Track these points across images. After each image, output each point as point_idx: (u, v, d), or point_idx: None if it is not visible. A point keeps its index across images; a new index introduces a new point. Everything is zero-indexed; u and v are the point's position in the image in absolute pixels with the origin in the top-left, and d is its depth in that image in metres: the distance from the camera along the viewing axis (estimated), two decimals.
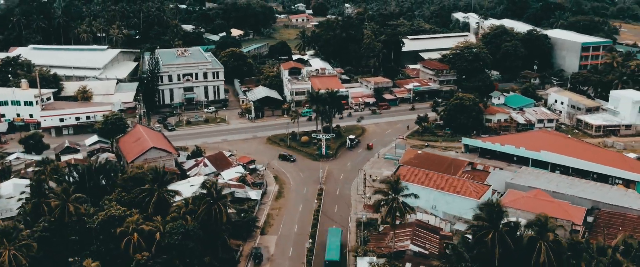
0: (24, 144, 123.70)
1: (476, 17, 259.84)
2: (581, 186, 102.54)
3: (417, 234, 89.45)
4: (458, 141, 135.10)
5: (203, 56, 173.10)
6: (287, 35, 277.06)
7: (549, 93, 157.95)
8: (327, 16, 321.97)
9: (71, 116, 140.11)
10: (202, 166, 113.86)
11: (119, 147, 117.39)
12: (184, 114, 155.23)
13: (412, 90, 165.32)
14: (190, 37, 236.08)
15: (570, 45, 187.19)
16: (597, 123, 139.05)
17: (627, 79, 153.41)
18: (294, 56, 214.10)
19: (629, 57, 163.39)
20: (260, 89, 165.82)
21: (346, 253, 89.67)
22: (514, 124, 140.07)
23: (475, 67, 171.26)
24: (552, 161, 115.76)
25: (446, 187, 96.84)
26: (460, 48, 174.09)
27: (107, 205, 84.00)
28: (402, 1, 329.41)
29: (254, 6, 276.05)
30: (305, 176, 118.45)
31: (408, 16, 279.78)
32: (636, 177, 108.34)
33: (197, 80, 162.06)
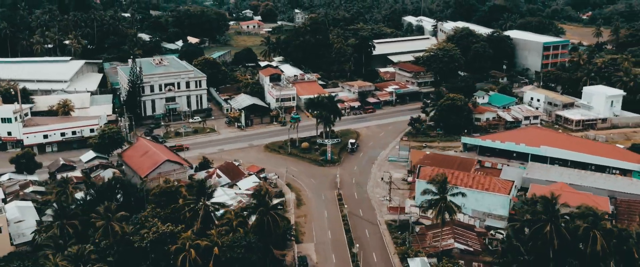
0: (15, 164, 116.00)
1: (430, 21, 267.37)
2: (592, 177, 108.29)
3: (457, 233, 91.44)
4: (453, 141, 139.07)
5: (182, 65, 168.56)
6: (243, 42, 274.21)
7: (525, 91, 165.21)
8: (277, 22, 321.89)
9: (56, 132, 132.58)
10: (215, 177, 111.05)
11: (125, 162, 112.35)
12: (170, 125, 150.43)
13: (394, 93, 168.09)
14: (148, 47, 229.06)
15: (532, 45, 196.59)
16: (577, 118, 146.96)
17: (595, 75, 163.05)
18: (261, 63, 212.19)
19: (593, 55, 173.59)
20: (243, 96, 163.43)
21: (389, 255, 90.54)
22: (502, 122, 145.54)
23: (450, 69, 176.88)
24: (551, 155, 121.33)
25: (474, 184, 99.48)
26: (434, 50, 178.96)
27: (150, 222, 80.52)
28: (349, 6, 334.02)
29: (208, 13, 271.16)
30: (317, 182, 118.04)
31: (360, 20, 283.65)
32: (632, 167, 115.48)
33: (179, 90, 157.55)
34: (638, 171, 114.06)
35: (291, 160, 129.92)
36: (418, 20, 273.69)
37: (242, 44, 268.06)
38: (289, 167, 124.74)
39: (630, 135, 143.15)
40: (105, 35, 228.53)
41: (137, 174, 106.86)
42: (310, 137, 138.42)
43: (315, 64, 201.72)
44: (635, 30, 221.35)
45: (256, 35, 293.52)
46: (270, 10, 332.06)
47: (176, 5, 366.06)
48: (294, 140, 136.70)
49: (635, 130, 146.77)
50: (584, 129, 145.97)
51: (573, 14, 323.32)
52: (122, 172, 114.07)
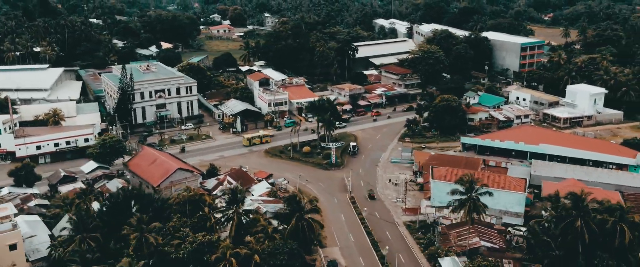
0: (14, 177, 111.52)
1: (403, 23, 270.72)
2: (596, 172, 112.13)
3: (480, 231, 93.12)
4: (450, 141, 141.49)
5: (170, 71, 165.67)
6: (216, 47, 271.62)
7: (510, 91, 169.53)
8: (247, 26, 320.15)
9: (49, 143, 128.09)
10: (226, 183, 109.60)
11: (133, 172, 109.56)
12: (162, 132, 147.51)
13: (384, 95, 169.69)
14: (122, 53, 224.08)
15: (510, 46, 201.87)
16: (564, 116, 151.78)
17: (576, 74, 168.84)
18: (242, 68, 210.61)
19: (572, 55, 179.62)
20: (234, 102, 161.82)
21: (415, 256, 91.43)
22: (495, 121, 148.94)
23: (435, 70, 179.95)
24: (550, 153, 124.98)
25: (489, 183, 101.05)
26: (419, 52, 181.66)
27: (183, 232, 78.94)
28: (318, 9, 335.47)
29: (180, 18, 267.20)
30: (326, 186, 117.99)
31: (332, 23, 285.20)
32: (627, 161, 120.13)
33: (170, 97, 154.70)
34: (633, 165, 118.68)
35: (294, 164, 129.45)
36: (391, 23, 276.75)
37: (216, 49, 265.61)
38: (295, 172, 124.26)
39: (615, 131, 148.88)
40: (77, 42, 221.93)
41: (148, 183, 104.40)
42: (310, 141, 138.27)
43: (297, 68, 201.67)
44: (601, 30, 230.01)
45: (228, 39, 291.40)
46: (239, 14, 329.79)
47: (141, 10, 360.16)
48: (293, 144, 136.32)
49: (619, 126, 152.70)
50: (571, 127, 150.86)
51: (535, 15, 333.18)
52: (127, 181, 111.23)
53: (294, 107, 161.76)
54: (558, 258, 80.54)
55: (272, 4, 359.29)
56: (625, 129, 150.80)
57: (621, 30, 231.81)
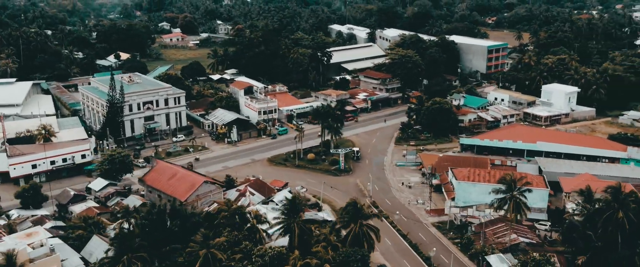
0: (21, 198, 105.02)
1: (362, 29, 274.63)
2: (599, 167, 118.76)
3: (513, 227, 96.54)
4: (444, 142, 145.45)
5: (154, 82, 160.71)
6: (173, 56, 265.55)
7: (488, 92, 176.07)
8: (200, 34, 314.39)
9: (45, 161, 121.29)
10: (248, 194, 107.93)
11: (152, 187, 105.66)
12: (157, 145, 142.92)
13: (369, 100, 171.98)
14: (81, 65, 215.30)
15: (477, 49, 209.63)
16: (545, 115, 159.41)
17: (547, 74, 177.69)
18: (213, 76, 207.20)
19: (541, 56, 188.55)
20: (222, 111, 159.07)
21: (454, 255, 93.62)
22: (484, 122, 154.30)
23: (414, 74, 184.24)
24: (546, 150, 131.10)
25: None
26: (397, 56, 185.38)
27: (245, 246, 77.38)
28: (268, 16, 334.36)
29: (137, 27, 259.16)
30: (342, 192, 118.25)
31: (289, 30, 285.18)
32: (619, 155, 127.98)
33: (158, 108, 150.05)
34: (625, 158, 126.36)
35: (302, 172, 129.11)
36: (349, 29, 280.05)
37: (174, 58, 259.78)
38: (306, 179, 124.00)
39: (592, 127, 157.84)
40: (33, 54, 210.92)
41: (171, 197, 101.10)
42: (311, 148, 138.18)
43: (272, 76, 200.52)
44: (553, 32, 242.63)
45: (184, 48, 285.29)
46: (190, 22, 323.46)
47: (81, 19, 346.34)
48: (296, 152, 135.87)
49: (593, 122, 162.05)
50: (551, 125, 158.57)
51: (479, 18, 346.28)
52: (150, 198, 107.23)
53: (284, 115, 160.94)
54: (600, 249, 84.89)
55: (221, 11, 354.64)
56: (600, 124, 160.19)
57: (570, 32, 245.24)
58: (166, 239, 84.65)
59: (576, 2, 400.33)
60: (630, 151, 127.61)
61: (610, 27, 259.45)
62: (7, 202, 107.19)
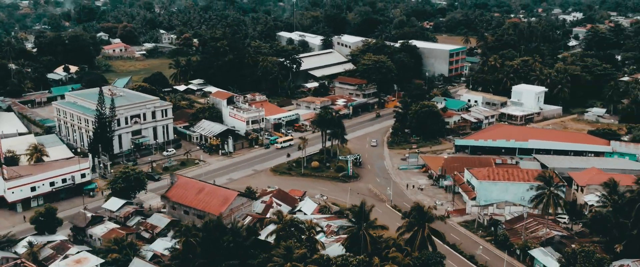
0: (36, 223, 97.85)
1: (314, 36, 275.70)
2: (594, 160, 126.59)
3: (541, 222, 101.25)
4: (436, 145, 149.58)
5: (137, 94, 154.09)
6: (122, 67, 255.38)
7: (461, 94, 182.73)
8: (142, 44, 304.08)
9: (44, 182, 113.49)
10: (275, 205, 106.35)
11: (179, 204, 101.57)
12: (149, 160, 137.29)
13: (350, 107, 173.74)
14: (31, 79, 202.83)
15: (439, 53, 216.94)
16: (520, 114, 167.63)
17: (513, 76, 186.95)
18: (178, 87, 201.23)
19: (505, 59, 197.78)
20: (207, 122, 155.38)
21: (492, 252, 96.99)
22: (468, 123, 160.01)
23: (388, 79, 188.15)
24: (537, 147, 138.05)
25: (530, 178, 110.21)
26: (371, 62, 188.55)
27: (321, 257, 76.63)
28: (210, 23, 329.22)
29: (83, 38, 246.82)
30: (358, 198, 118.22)
31: (238, 38, 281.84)
32: (604, 149, 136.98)
33: (145, 122, 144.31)
34: (609, 152, 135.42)
35: (310, 180, 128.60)
36: (301, 36, 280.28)
37: (124, 69, 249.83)
38: (315, 187, 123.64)
39: (562, 124, 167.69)
40: None
41: (203, 213, 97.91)
42: (312, 156, 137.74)
43: (241, 84, 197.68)
44: (499, 35, 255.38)
45: (130, 58, 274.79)
46: (130, 32, 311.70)
47: (6, 31, 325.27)
48: (297, 160, 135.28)
49: (562, 119, 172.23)
50: (525, 123, 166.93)
51: (417, 23, 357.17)
52: (173, 215, 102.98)
53: (270, 124, 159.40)
54: (636, 237, 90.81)
55: (161, 20, 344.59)
56: (569, 121, 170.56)
57: (514, 35, 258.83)
58: (222, 256, 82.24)
59: (502, 6, 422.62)
60: (614, 145, 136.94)
61: (548, 30, 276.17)
62: (11, 229, 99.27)
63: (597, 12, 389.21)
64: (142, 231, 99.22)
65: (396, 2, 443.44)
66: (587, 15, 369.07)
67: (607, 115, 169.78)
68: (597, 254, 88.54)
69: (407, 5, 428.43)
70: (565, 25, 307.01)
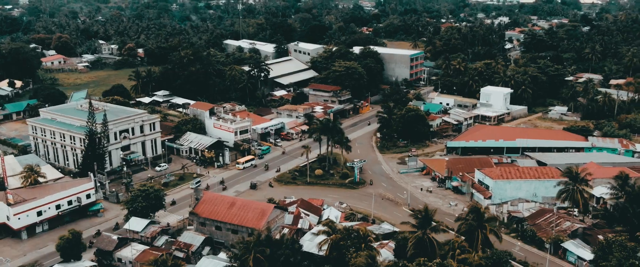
0: (62, 251, 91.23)
1: (264, 44, 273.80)
2: (583, 156, 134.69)
3: (559, 215, 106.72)
4: (423, 147, 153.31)
5: (120, 108, 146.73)
6: (67, 80, 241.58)
7: (433, 97, 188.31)
8: (80, 56, 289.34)
9: (50, 206, 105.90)
10: (303, 215, 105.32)
11: (211, 220, 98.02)
12: (148, 176, 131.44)
13: (331, 113, 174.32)
14: None
15: (400, 58, 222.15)
16: (493, 115, 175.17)
17: (477, 78, 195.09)
18: (142, 100, 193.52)
19: (467, 62, 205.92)
20: (193, 135, 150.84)
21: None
22: (450, 126, 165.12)
23: (360, 84, 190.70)
24: (523, 146, 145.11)
25: (540, 176, 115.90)
26: (343, 69, 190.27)
27: None
28: (148, 33, 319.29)
29: (25, 50, 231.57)
30: (377, 204, 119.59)
31: (185, 47, 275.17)
32: (584, 145, 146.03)
33: (134, 136, 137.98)
34: (588, 147, 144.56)
35: (318, 188, 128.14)
36: (251, 44, 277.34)
37: (70, 83, 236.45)
38: (327, 194, 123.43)
39: (530, 122, 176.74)
40: None
41: (238, 227, 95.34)
42: (314, 162, 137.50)
43: (210, 95, 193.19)
44: (447, 40, 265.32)
45: (73, 71, 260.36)
46: (66, 42, 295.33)
47: None
48: (298, 168, 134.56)
49: (529, 118, 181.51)
50: (498, 124, 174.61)
51: (356, 30, 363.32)
52: (203, 232, 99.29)
53: (257, 134, 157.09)
54: None
55: (95, 30, 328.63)
56: (535, 120, 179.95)
57: (459, 39, 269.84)
58: None
59: (431, 11, 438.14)
60: (591, 140, 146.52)
61: (487, 34, 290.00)
62: (27, 259, 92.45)
63: (520, 16, 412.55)
64: (175, 251, 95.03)
65: (328, 9, 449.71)
66: (513, 20, 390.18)
67: (569, 113, 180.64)
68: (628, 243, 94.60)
69: (340, 11, 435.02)
70: (500, 28, 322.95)
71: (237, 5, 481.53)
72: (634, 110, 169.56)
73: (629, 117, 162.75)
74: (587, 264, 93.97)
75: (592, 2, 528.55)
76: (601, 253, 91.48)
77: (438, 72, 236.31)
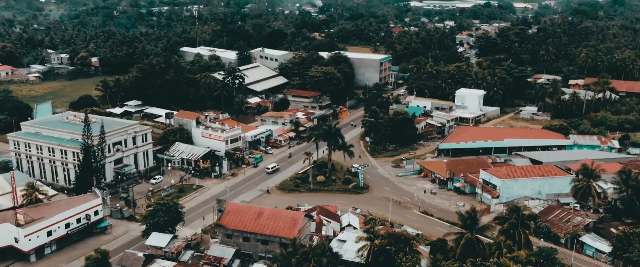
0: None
1: (224, 51, 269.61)
2: (573, 153, 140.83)
3: (573, 212, 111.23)
4: (411, 150, 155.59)
5: (112, 120, 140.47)
6: (20, 92, 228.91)
7: (410, 101, 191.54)
8: (28, 66, 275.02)
9: (60, 225, 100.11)
10: (325, 222, 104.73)
11: (239, 231, 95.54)
12: (149, 190, 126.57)
13: (315, 119, 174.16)
14: None
15: (370, 62, 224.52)
16: (471, 116, 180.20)
17: (450, 80, 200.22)
18: (113, 110, 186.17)
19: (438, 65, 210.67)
20: (183, 145, 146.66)
21: None
22: (434, 128, 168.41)
23: (338, 90, 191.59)
24: (510, 145, 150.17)
25: (544, 174, 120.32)
26: (320, 74, 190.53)
27: None
28: (97, 41, 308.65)
29: None
30: (387, 208, 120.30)
31: (148, 54, 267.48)
32: (566, 143, 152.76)
33: (127, 148, 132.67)
34: (570, 145, 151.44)
35: (324, 195, 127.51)
36: (211, 51, 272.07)
37: (26, 95, 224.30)
38: (335, 200, 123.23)
39: (506, 123, 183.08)
40: None
41: (273, 238, 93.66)
42: (306, 171, 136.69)
43: (185, 103, 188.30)
44: (407, 44, 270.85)
45: (24, 82, 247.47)
46: (11, 52, 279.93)
47: None
48: (299, 175, 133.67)
49: (502, 119, 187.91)
50: (476, 125, 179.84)
51: (309, 35, 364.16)
52: (229, 244, 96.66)
53: (246, 142, 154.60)
54: None
55: (44, 40, 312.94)
56: (509, 120, 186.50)
57: (419, 43, 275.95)
58: None
59: (376, 17, 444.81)
60: (572, 138, 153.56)
61: (442, 38, 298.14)
62: None
63: (463, 20, 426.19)
64: (204, 266, 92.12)
65: (275, 15, 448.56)
66: (458, 24, 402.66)
67: (539, 113, 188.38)
68: None
69: (287, 17, 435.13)
70: (452, 32, 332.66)
71: (183, 12, 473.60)
72: (601, 108, 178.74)
73: (598, 115, 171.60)
74: (606, 257, 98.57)
75: (525, 6, 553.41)
76: (620, 245, 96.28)
77: (404, 76, 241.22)
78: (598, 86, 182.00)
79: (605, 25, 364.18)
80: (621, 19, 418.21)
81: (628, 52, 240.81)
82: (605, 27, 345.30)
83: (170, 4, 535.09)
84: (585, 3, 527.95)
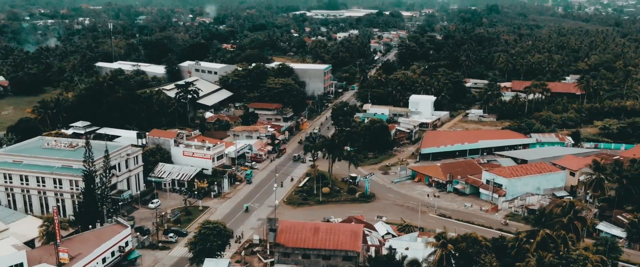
0: None
1: (152, 66, 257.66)
2: (551, 150, 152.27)
3: (577, 203, 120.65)
4: (391, 157, 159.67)
5: (102, 143, 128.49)
6: None
7: (367, 109, 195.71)
8: None
9: (98, 261, 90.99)
10: (367, 233, 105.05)
11: (300, 248, 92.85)
12: (155, 217, 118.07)
13: (285, 131, 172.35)
14: None
15: (314, 72, 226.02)
16: (429, 121, 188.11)
17: (399, 87, 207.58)
18: (65, 131, 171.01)
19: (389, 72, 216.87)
20: (167, 165, 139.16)
21: None
22: (404, 134, 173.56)
23: (298, 100, 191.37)
24: (483, 146, 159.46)
25: (541, 171, 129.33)
26: (279, 85, 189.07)
27: None
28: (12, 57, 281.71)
29: None
30: (402, 214, 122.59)
31: (54, 73, 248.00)
32: (530, 141, 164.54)
33: (121, 173, 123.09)
34: (534, 143, 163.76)
35: (334, 206, 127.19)
36: (134, 66, 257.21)
37: None
38: (350, 211, 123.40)
39: (460, 125, 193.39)
40: None
41: (336, 252, 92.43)
42: (305, 184, 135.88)
43: (139, 121, 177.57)
44: (335, 53, 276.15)
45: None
46: None
47: None
48: (304, 188, 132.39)
49: (454, 122, 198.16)
50: (433, 129, 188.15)
51: (220, 47, 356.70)
52: (289, 262, 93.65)
53: (229, 158, 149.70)
54: None
55: None
56: (460, 123, 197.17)
57: (345, 52, 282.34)
58: None
59: (280, 27, 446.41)
60: (534, 136, 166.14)
61: (362, 47, 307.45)
62: None
63: (363, 29, 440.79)
64: None
65: (175, 27, 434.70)
66: (363, 33, 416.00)
67: (486, 115, 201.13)
68: None
69: (188, 29, 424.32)
70: (367, 41, 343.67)
71: (73, 25, 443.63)
72: (542, 108, 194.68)
73: (543, 115, 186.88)
74: (623, 241, 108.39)
75: (411, 15, 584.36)
76: (635, 230, 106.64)
77: (342, 85, 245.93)
78: (538, 88, 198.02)
79: (494, 31, 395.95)
80: (502, 26, 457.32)
81: (538, 56, 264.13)
82: (493, 34, 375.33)
83: (52, 17, 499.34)
84: (464, 10, 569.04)
